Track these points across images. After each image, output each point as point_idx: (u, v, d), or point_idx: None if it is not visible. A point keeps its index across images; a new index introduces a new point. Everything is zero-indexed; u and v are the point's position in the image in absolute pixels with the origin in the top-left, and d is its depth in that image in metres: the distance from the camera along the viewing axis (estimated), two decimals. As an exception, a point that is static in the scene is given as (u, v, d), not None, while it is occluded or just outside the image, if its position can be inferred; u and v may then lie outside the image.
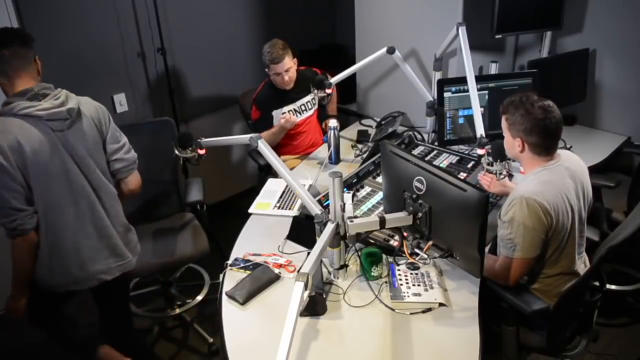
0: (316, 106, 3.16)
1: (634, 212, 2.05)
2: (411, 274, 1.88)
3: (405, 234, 1.93)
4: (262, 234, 2.20)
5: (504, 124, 1.91)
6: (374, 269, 1.86)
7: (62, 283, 1.95)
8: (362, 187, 2.43)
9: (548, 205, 1.76)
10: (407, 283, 1.84)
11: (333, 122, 2.76)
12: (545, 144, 1.83)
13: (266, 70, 2.94)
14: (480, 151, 2.28)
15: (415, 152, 2.72)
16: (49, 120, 1.78)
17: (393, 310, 1.74)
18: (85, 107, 1.92)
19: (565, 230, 1.83)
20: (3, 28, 1.83)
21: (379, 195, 2.34)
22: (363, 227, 1.86)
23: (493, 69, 2.91)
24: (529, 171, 1.90)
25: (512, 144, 1.89)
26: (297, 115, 3.05)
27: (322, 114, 3.26)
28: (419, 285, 1.83)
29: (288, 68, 2.87)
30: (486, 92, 2.62)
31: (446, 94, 2.61)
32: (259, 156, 2.78)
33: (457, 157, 2.63)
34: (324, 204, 2.16)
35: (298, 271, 1.50)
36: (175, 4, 3.32)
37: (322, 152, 2.94)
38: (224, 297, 1.83)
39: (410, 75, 2.74)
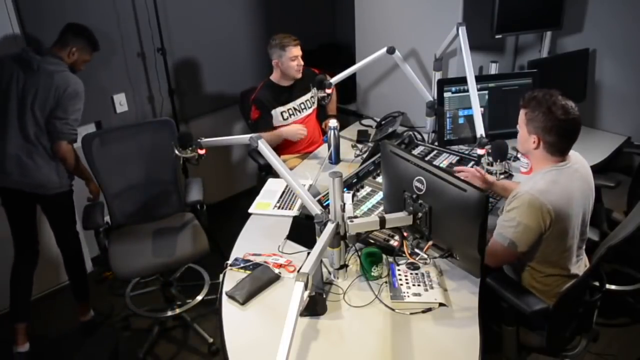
0: (315, 105, 3.17)
1: (634, 212, 2.05)
2: (411, 274, 1.88)
3: (405, 234, 1.93)
4: (262, 234, 2.20)
5: (521, 118, 1.87)
6: (374, 269, 1.86)
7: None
8: (362, 187, 2.43)
9: (550, 206, 1.75)
10: (407, 283, 1.84)
11: (333, 122, 2.76)
12: (561, 145, 1.82)
13: (275, 62, 2.94)
14: (480, 151, 2.28)
15: (415, 152, 2.72)
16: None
17: (393, 310, 1.74)
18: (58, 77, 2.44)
19: (565, 232, 1.83)
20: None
21: (379, 195, 2.34)
22: (363, 227, 1.86)
23: (493, 69, 2.91)
24: (538, 169, 1.89)
25: (526, 139, 1.87)
26: (296, 114, 3.06)
27: (321, 114, 3.27)
28: (419, 285, 1.83)
29: (301, 54, 2.93)
30: (486, 92, 2.62)
31: (446, 94, 2.61)
32: (259, 156, 2.78)
33: (457, 157, 2.63)
34: (324, 204, 2.17)
35: (298, 271, 1.50)
36: (175, 4, 3.32)
37: (322, 152, 2.94)
38: (224, 297, 1.83)
39: (410, 75, 2.74)
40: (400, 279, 1.86)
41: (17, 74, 2.44)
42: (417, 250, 1.92)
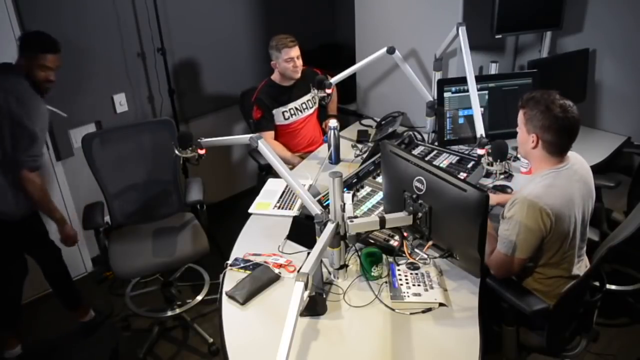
0: (316, 105, 3.17)
1: (634, 212, 2.04)
2: (411, 274, 1.88)
3: (405, 234, 1.93)
4: (262, 234, 2.20)
5: (520, 118, 1.88)
6: (374, 269, 1.86)
7: None
8: (362, 187, 2.43)
9: (550, 210, 1.75)
10: (407, 283, 1.84)
11: (333, 122, 2.76)
12: (560, 143, 1.81)
13: (273, 63, 2.96)
14: (480, 151, 2.27)
15: (415, 152, 2.72)
16: None
17: (393, 310, 1.74)
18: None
19: (566, 234, 1.82)
20: None
21: (379, 195, 2.33)
22: (363, 227, 1.86)
23: (493, 69, 2.91)
24: (537, 171, 1.88)
25: (526, 139, 1.87)
26: (297, 114, 3.07)
27: (322, 114, 3.27)
28: (419, 285, 1.83)
29: (299, 55, 2.94)
30: (486, 92, 2.62)
31: (446, 94, 2.61)
32: (259, 156, 2.79)
33: (457, 157, 2.63)
34: (324, 204, 2.16)
35: (298, 271, 1.50)
36: (175, 4, 3.32)
37: (322, 152, 2.94)
38: (224, 297, 1.83)
39: (410, 75, 2.74)
40: (400, 279, 1.86)
41: None
42: (417, 250, 1.91)
